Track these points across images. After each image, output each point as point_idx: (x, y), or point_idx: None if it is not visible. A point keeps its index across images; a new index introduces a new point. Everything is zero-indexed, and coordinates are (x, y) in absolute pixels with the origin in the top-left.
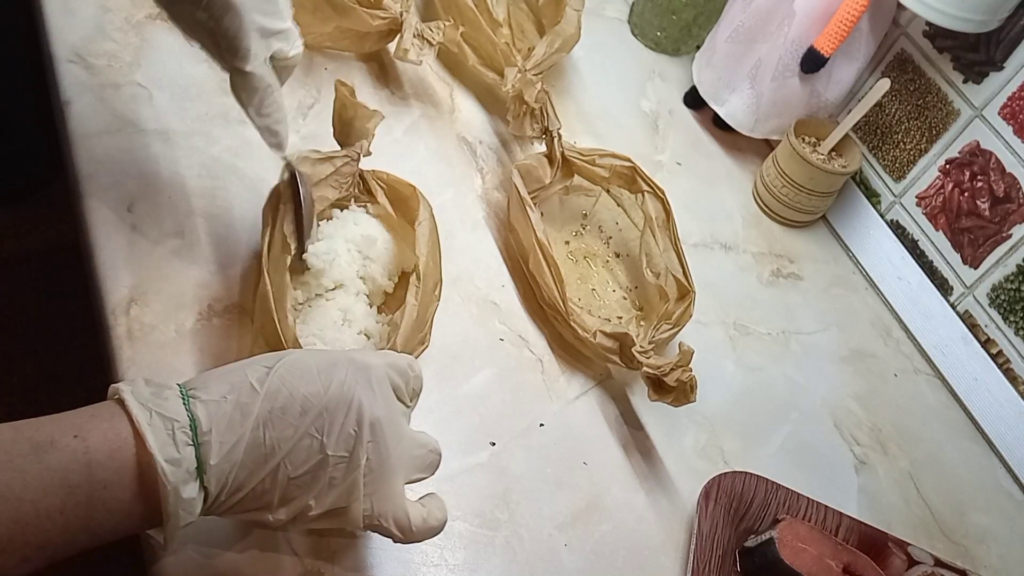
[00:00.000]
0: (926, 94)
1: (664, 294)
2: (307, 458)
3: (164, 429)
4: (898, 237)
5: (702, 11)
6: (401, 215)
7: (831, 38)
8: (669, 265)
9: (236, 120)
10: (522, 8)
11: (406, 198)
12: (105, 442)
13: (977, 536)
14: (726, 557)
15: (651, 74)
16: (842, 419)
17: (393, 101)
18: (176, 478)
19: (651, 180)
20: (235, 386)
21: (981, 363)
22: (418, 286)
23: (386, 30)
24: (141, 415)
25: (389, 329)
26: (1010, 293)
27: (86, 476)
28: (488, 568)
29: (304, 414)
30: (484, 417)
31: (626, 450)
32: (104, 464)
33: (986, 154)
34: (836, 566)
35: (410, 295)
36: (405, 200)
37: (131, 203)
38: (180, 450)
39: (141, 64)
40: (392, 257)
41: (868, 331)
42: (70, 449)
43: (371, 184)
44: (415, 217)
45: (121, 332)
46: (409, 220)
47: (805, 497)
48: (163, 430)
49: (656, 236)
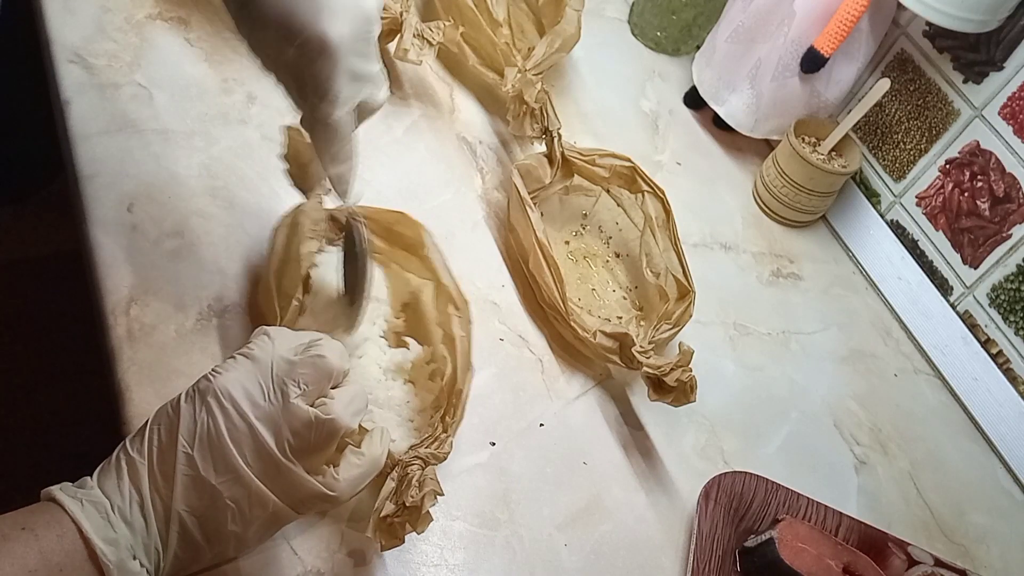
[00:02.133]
0: (926, 94)
1: (664, 294)
2: (201, 496)
3: (97, 514)
4: (898, 237)
5: (702, 11)
6: (393, 243)
7: (831, 38)
8: (669, 265)
9: (236, 120)
10: (522, 8)
11: (392, 224)
12: (50, 530)
13: (977, 536)
14: (726, 557)
15: (651, 74)
16: (842, 419)
17: (393, 101)
18: (116, 556)
19: (651, 180)
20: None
21: (981, 363)
22: (459, 315)
23: (386, 30)
24: (73, 505)
25: (431, 367)
26: (1010, 293)
27: (42, 561)
28: (488, 568)
29: (187, 459)
30: (484, 417)
31: (626, 450)
32: (55, 550)
33: (986, 154)
34: (836, 566)
35: (456, 327)
36: (392, 228)
37: (131, 203)
38: (116, 529)
39: (141, 64)
40: (394, 291)
41: (868, 331)
42: (22, 539)
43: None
44: (410, 243)
45: (121, 332)
46: (404, 246)
47: (805, 497)
48: (96, 515)
49: (656, 236)
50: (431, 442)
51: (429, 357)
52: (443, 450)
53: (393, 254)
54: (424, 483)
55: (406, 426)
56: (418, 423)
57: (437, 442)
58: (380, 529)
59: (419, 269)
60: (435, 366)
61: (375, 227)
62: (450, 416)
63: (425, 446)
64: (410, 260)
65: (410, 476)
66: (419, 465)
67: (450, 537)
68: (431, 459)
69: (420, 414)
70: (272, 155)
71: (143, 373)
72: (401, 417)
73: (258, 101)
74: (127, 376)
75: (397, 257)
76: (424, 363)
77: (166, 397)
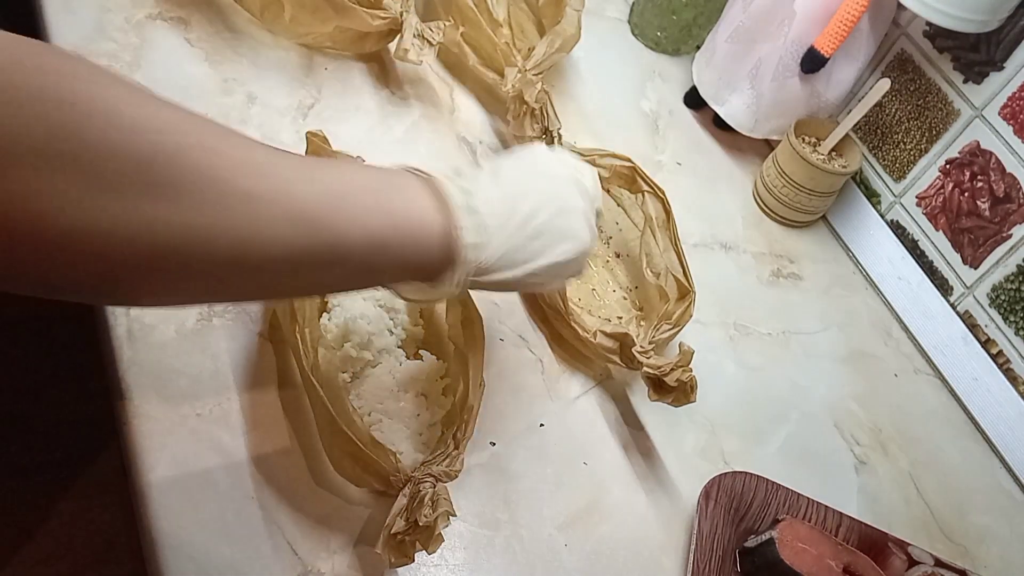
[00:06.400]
0: (926, 94)
1: (664, 294)
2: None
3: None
4: (898, 237)
5: (702, 11)
6: None
7: (831, 38)
8: (669, 265)
9: (236, 120)
10: (522, 8)
11: None
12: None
13: (977, 536)
14: (726, 557)
15: (651, 74)
16: (842, 419)
17: (393, 101)
18: (471, 224)
19: (651, 180)
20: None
21: (981, 363)
22: (473, 331)
23: (386, 30)
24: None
25: (444, 382)
26: (1010, 293)
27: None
28: (488, 568)
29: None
30: (484, 417)
31: (626, 450)
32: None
33: (986, 154)
34: (836, 566)
35: (469, 343)
36: None
37: None
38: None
39: (141, 64)
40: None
41: (868, 331)
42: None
43: None
44: None
45: (121, 332)
46: None
47: (805, 497)
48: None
49: (656, 236)
50: (443, 459)
51: (443, 371)
52: (455, 467)
53: None
54: (438, 503)
55: (415, 439)
56: (427, 437)
57: (449, 459)
58: (390, 546)
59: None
60: (448, 381)
61: None
62: (461, 432)
63: (437, 463)
64: None
65: (423, 494)
66: (431, 482)
67: (450, 537)
68: (444, 476)
69: (430, 428)
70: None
71: (143, 373)
72: (410, 430)
73: (258, 101)
74: (127, 376)
75: None
76: (438, 377)
77: (166, 397)
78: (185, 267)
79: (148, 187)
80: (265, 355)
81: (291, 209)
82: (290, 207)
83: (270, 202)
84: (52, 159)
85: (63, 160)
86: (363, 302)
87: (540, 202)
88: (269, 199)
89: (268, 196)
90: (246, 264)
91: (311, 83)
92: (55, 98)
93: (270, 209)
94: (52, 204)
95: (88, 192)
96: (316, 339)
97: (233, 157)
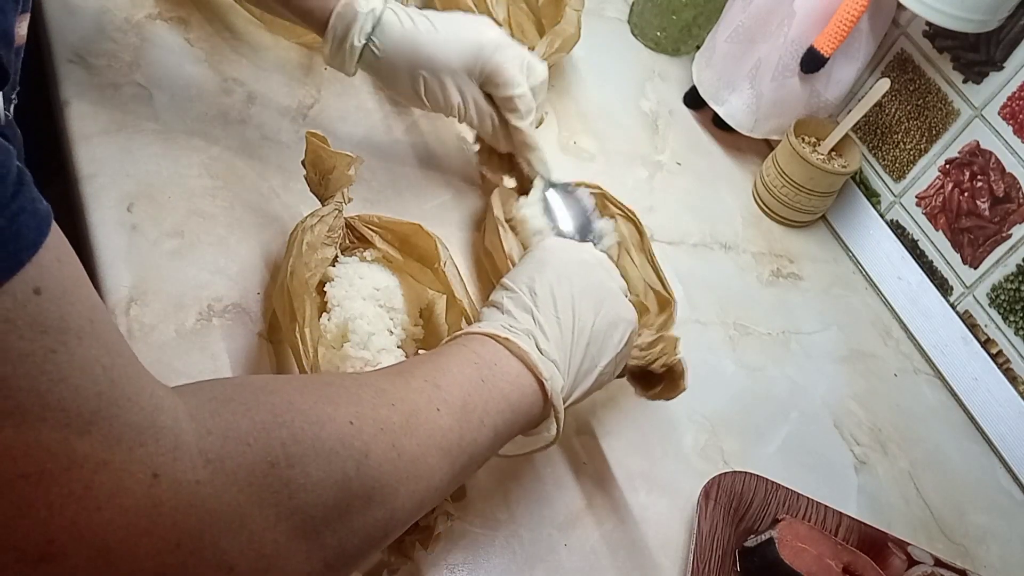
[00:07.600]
0: (926, 94)
1: (646, 309)
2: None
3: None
4: (898, 237)
5: (702, 11)
6: (408, 255)
7: (831, 38)
8: (648, 280)
9: (236, 120)
10: (522, 8)
11: (407, 236)
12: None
13: (977, 536)
14: (726, 557)
15: (651, 74)
16: (842, 419)
17: (393, 101)
18: (549, 371)
19: (620, 203)
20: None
21: (981, 363)
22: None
23: None
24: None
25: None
26: (1010, 293)
27: (477, 356)
28: (488, 568)
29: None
30: None
31: (626, 450)
32: (514, 382)
33: (986, 154)
34: (836, 566)
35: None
36: (407, 239)
37: (131, 203)
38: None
39: (141, 64)
40: (409, 300)
41: (868, 331)
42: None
43: (362, 231)
44: (425, 255)
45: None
46: (417, 257)
47: (805, 497)
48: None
49: (632, 256)
50: None
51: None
52: None
53: (408, 266)
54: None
55: None
56: None
57: None
58: (389, 546)
59: (433, 282)
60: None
61: (390, 238)
62: None
63: None
64: (424, 273)
65: None
66: None
67: (450, 537)
68: None
69: None
70: (272, 155)
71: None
72: None
73: (258, 101)
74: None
75: (412, 269)
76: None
77: None
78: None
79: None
80: (265, 355)
81: (453, 457)
82: (450, 452)
83: (434, 468)
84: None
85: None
86: (363, 302)
87: (583, 307)
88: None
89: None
90: (423, 512)
91: (311, 83)
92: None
93: (435, 475)
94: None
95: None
96: (316, 339)
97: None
